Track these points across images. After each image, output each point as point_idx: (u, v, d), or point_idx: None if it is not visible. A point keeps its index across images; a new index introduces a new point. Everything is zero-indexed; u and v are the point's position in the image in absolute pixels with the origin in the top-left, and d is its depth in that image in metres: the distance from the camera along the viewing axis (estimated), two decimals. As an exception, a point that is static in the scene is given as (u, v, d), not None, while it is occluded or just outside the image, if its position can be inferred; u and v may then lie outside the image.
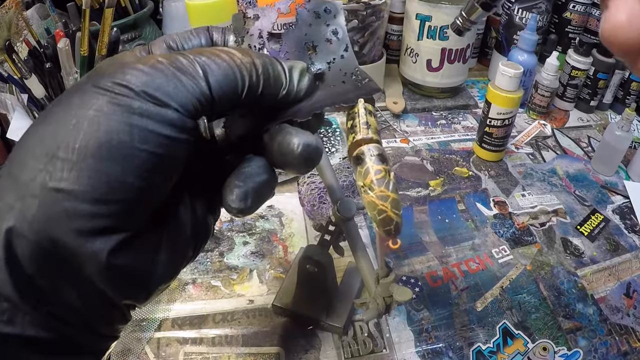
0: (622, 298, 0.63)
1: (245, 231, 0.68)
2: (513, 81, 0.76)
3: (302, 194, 0.74)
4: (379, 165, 0.35)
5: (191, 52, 0.25)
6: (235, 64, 0.25)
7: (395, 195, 0.34)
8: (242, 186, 0.27)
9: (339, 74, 0.34)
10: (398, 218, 0.33)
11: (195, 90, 0.24)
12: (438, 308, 0.59)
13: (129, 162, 0.22)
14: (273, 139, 0.28)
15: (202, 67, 0.24)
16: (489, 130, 0.80)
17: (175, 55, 0.24)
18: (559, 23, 1.04)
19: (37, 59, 0.72)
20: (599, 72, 0.94)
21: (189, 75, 0.23)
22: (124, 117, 0.22)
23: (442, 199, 0.76)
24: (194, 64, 0.24)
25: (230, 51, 0.26)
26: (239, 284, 0.61)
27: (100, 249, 0.22)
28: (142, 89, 0.22)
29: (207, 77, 0.24)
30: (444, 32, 0.90)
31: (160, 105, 0.23)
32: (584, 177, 0.82)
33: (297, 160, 0.27)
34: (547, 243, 0.69)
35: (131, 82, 0.22)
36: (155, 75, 0.23)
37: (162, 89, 0.23)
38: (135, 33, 0.91)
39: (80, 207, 0.21)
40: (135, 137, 0.22)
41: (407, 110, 0.96)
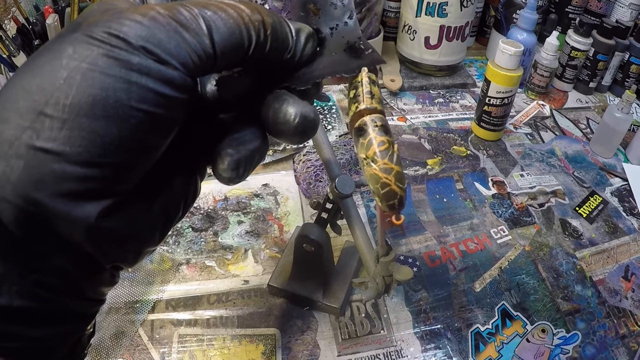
0: (621, 281, 0.63)
1: (239, 210, 0.67)
2: (513, 59, 0.74)
3: (297, 172, 0.73)
4: (383, 137, 0.33)
5: (195, 3, 0.23)
6: (243, 21, 0.23)
7: (399, 168, 0.32)
8: (234, 154, 0.25)
9: (341, 42, 0.32)
10: (402, 192, 0.32)
11: (198, 47, 0.22)
12: (436, 288, 0.58)
13: (126, 123, 0.20)
14: (269, 106, 0.26)
15: (206, 23, 0.22)
16: (488, 109, 0.79)
17: (177, 7, 0.22)
18: (559, 3, 1.02)
19: (26, 36, 0.70)
20: (598, 53, 0.93)
21: (192, 31, 0.22)
22: (121, 73, 0.20)
23: (440, 177, 0.74)
24: (197, 18, 0.22)
25: (238, 6, 0.24)
26: (234, 264, 0.60)
27: (90, 213, 0.20)
28: (142, 44, 0.20)
29: (211, 34, 0.22)
30: (443, 8, 0.87)
31: (161, 62, 0.21)
32: (582, 159, 0.81)
33: (292, 131, 0.26)
34: (545, 224, 0.68)
35: (129, 35, 0.20)
36: (155, 29, 0.21)
37: (162, 45, 0.21)
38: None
39: (70, 170, 0.19)
40: (133, 95, 0.20)
41: (405, 88, 0.94)
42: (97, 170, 0.20)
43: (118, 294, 0.56)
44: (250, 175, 0.72)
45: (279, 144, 0.76)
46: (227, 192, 0.69)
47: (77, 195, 0.20)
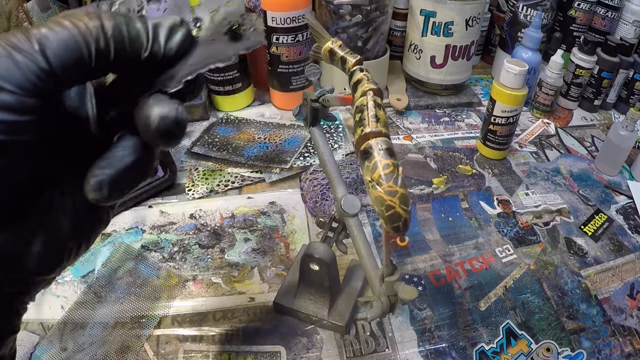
0: (626, 299, 0.62)
1: (246, 228, 0.68)
2: (518, 78, 0.75)
3: (304, 190, 0.74)
4: (388, 160, 0.34)
5: (36, 25, 0.23)
6: (79, 31, 0.23)
7: (404, 191, 0.33)
8: (97, 175, 0.24)
9: (223, 24, 0.30)
10: (406, 214, 0.33)
11: (32, 67, 0.22)
12: (441, 307, 0.59)
13: None
14: (138, 113, 0.25)
15: (38, 41, 0.22)
16: (493, 128, 0.80)
17: (14, 33, 0.23)
18: (564, 21, 1.03)
19: None
20: (603, 71, 0.94)
21: (24, 52, 0.22)
22: None
23: (446, 196, 0.75)
24: (30, 38, 0.22)
25: (76, 17, 0.23)
26: (240, 282, 0.61)
27: None
28: None
29: (44, 50, 0.22)
30: (449, 28, 0.89)
31: None
32: (587, 177, 0.81)
33: (155, 135, 0.24)
34: (550, 243, 0.68)
35: None
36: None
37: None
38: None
39: None
40: None
41: (411, 107, 0.95)
42: None
43: (124, 309, 0.57)
44: (257, 193, 0.73)
45: (286, 163, 0.77)
46: (234, 209, 0.70)
47: None
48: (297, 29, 0.85)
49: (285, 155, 0.80)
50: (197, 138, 0.84)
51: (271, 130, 0.87)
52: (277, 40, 0.86)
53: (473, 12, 0.88)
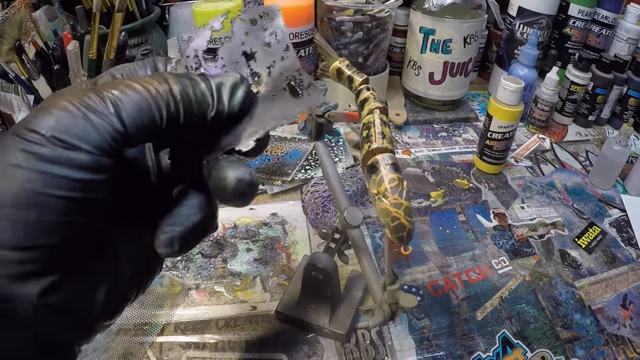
0: (619, 309, 0.64)
1: (248, 238, 0.69)
2: (514, 95, 0.77)
3: (305, 202, 0.75)
4: (393, 174, 0.37)
5: (106, 86, 0.24)
6: (150, 95, 0.24)
7: (408, 203, 0.35)
8: (167, 232, 0.26)
9: (280, 79, 0.32)
10: (410, 225, 0.35)
11: (108, 128, 0.23)
12: (439, 317, 0.60)
13: (45, 209, 0.22)
14: (209, 173, 0.27)
15: (113, 103, 0.23)
16: (490, 143, 0.82)
17: (87, 93, 0.24)
18: (559, 39, 1.05)
19: (45, 60, 0.72)
20: (597, 87, 0.96)
21: (100, 113, 0.23)
22: (34, 165, 0.22)
23: (443, 210, 0.77)
24: (105, 100, 0.23)
25: (146, 80, 0.25)
26: (242, 290, 0.62)
27: (30, 292, 0.22)
28: (52, 134, 0.22)
29: (118, 113, 0.23)
30: (447, 45, 0.91)
31: (70, 148, 0.22)
32: (581, 191, 0.83)
33: (231, 197, 0.26)
34: (545, 255, 0.70)
35: (41, 127, 0.22)
36: (64, 117, 0.23)
37: (70, 132, 0.22)
38: (142, 38, 0.92)
39: (5, 255, 0.22)
40: (47, 183, 0.22)
41: (409, 122, 0.97)
42: (28, 253, 0.22)
43: (127, 316, 0.58)
44: (260, 205, 0.75)
45: (287, 175, 0.79)
46: (236, 220, 0.72)
47: (18, 277, 0.22)
48: (300, 44, 0.87)
49: (287, 168, 0.82)
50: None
51: (273, 143, 0.89)
52: (280, 56, 0.88)
53: (471, 30, 0.90)
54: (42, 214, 0.22)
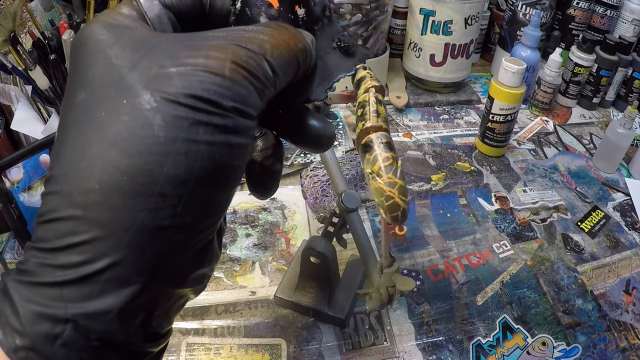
0: (622, 295, 0.63)
1: (248, 223, 0.69)
2: (516, 77, 0.76)
3: (304, 186, 0.75)
4: (387, 153, 0.36)
5: (252, 41, 0.23)
6: (295, 52, 0.24)
7: (403, 182, 0.34)
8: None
9: (328, 40, 0.32)
10: (405, 204, 0.34)
11: (267, 92, 0.23)
12: (439, 301, 0.60)
13: (233, 182, 0.22)
14: (298, 121, 0.29)
15: (271, 68, 0.23)
16: (492, 126, 0.80)
17: (242, 55, 0.22)
18: (563, 20, 1.03)
19: (41, 50, 0.71)
20: (601, 69, 0.95)
21: (260, 80, 0.22)
22: (222, 138, 0.21)
23: (444, 193, 0.76)
24: (263, 64, 0.22)
25: (286, 39, 0.24)
26: (242, 276, 0.62)
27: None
28: (232, 105, 0.21)
29: (276, 79, 0.23)
30: (448, 26, 0.90)
31: (247, 117, 0.22)
32: (585, 174, 0.82)
33: (322, 145, 0.30)
34: (547, 239, 0.69)
35: (217, 97, 0.20)
36: (236, 86, 0.21)
37: (247, 102, 0.21)
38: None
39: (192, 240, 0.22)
40: (233, 155, 0.21)
41: (410, 104, 0.96)
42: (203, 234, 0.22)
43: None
44: None
45: (287, 160, 0.78)
46: (235, 205, 0.71)
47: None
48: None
49: (285, 153, 0.81)
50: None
51: (272, 127, 0.88)
52: (279, 38, 0.87)
53: (472, 11, 0.89)
54: (223, 189, 0.22)
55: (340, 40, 0.33)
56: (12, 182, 0.67)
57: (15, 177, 0.67)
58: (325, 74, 0.30)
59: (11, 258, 0.66)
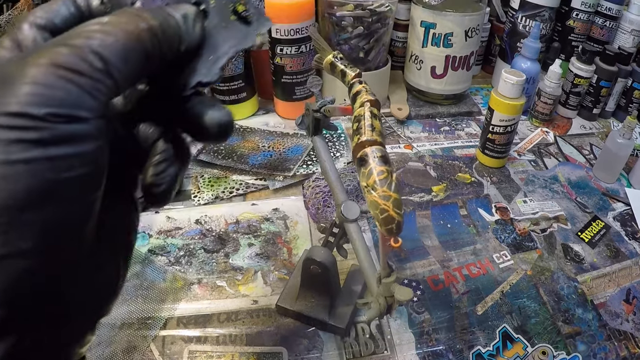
0: (622, 304, 0.64)
1: (250, 233, 0.70)
2: (515, 88, 0.77)
3: (306, 197, 0.75)
4: (382, 167, 0.37)
5: (76, 37, 0.21)
6: (134, 37, 0.22)
7: (397, 195, 0.35)
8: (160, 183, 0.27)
9: (225, 9, 0.30)
10: (399, 217, 0.35)
11: (100, 87, 0.21)
12: (439, 311, 0.60)
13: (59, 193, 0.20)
14: (189, 111, 0.27)
15: (98, 56, 0.21)
16: (492, 137, 0.81)
17: (59, 52, 0.20)
18: (562, 31, 1.05)
19: None
20: (601, 80, 0.95)
21: (86, 75, 0.20)
22: (40, 153, 0.19)
23: (445, 204, 0.77)
24: (87, 56, 0.20)
25: (120, 21, 0.22)
26: (244, 285, 0.62)
27: None
28: (46, 111, 0.19)
29: (107, 67, 0.21)
30: (448, 39, 0.91)
31: (70, 121, 0.20)
32: (585, 184, 0.83)
33: (213, 138, 0.27)
34: (547, 249, 0.70)
35: (28, 107, 0.19)
36: (49, 89, 0.19)
37: (65, 103, 0.19)
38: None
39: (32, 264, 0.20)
40: (61, 167, 0.19)
41: (412, 116, 0.97)
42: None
43: (131, 310, 0.58)
44: (262, 200, 0.76)
45: (289, 171, 0.79)
46: (238, 215, 0.72)
47: None
48: (301, 40, 0.87)
49: (288, 164, 0.82)
50: (202, 146, 0.87)
51: (275, 139, 0.89)
52: (281, 51, 0.88)
53: (472, 23, 0.90)
54: (62, 205, 0.20)
55: (237, 8, 0.30)
56: None
57: None
58: (219, 51, 0.28)
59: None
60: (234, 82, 0.92)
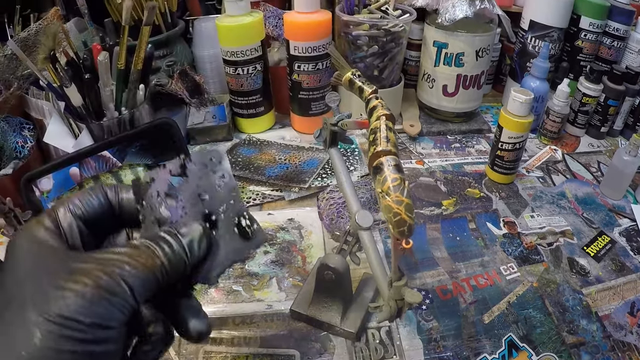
0: (626, 316, 0.65)
1: (266, 241, 0.72)
2: (524, 107, 0.79)
3: (321, 208, 0.78)
4: (396, 174, 0.40)
5: (111, 264, 0.30)
6: (150, 271, 0.32)
7: (409, 201, 0.38)
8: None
9: (231, 221, 0.38)
10: (411, 220, 0.38)
11: (127, 306, 0.30)
12: (447, 319, 0.62)
13: None
14: (178, 311, 0.36)
15: (126, 283, 0.30)
16: (501, 154, 0.84)
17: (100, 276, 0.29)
18: (571, 51, 1.07)
19: (75, 69, 0.76)
20: (609, 99, 0.97)
21: (118, 295, 0.30)
22: (83, 347, 0.28)
23: (454, 217, 0.79)
24: (120, 283, 0.30)
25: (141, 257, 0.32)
26: (259, 290, 0.65)
27: None
28: (91, 321, 0.28)
29: (132, 292, 0.30)
30: (460, 58, 0.94)
31: (105, 328, 0.29)
32: (592, 201, 0.85)
33: (194, 340, 0.36)
34: (553, 262, 0.72)
35: (79, 315, 0.28)
36: (93, 304, 0.28)
37: (104, 317, 0.29)
38: (167, 50, 0.96)
39: None
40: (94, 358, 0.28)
41: (423, 133, 1.00)
42: None
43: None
44: (277, 210, 0.80)
45: (304, 182, 0.82)
46: (255, 224, 0.75)
47: None
48: (318, 57, 0.91)
49: (304, 176, 0.85)
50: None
51: (291, 152, 0.92)
52: (299, 68, 0.92)
53: (483, 43, 0.93)
54: None
55: (240, 221, 0.38)
56: (42, 191, 0.71)
57: (45, 187, 0.72)
58: (218, 260, 0.36)
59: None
60: (252, 97, 0.96)
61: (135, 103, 0.79)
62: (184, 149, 0.77)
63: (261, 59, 0.93)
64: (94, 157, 0.73)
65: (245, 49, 0.91)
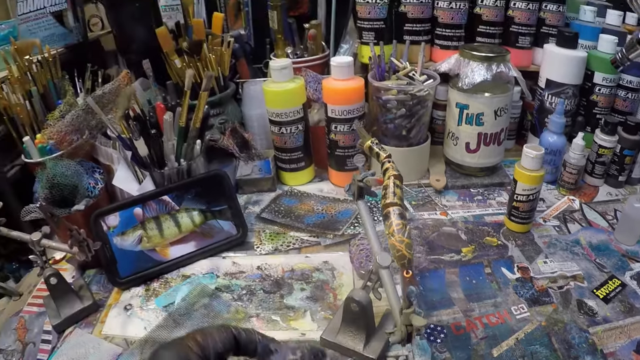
0: (632, 354, 0.70)
1: (302, 280, 0.83)
2: (535, 161, 0.88)
3: (352, 253, 0.89)
4: (399, 220, 0.52)
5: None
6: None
7: (409, 241, 0.49)
8: None
9: None
10: (410, 255, 0.49)
11: None
12: (459, 352, 0.70)
13: None
14: None
15: None
16: (516, 205, 0.92)
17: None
18: (587, 105, 1.14)
19: (142, 124, 0.90)
20: (625, 149, 1.03)
21: None
22: None
23: (472, 263, 0.87)
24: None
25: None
26: (295, 320, 0.75)
27: None
28: None
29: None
30: (480, 118, 1.04)
31: None
32: (605, 247, 0.91)
33: None
34: (562, 303, 0.78)
35: None
36: None
37: None
38: (220, 109, 1.11)
39: None
40: None
41: (448, 187, 1.09)
42: None
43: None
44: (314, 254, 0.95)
45: (338, 230, 0.93)
46: (293, 265, 0.87)
47: None
48: (352, 119, 1.03)
49: (338, 224, 0.96)
50: (265, 206, 1.03)
51: (328, 203, 1.04)
52: (335, 129, 1.04)
53: (500, 103, 1.02)
54: None
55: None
56: (109, 226, 0.84)
57: (112, 223, 0.84)
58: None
59: (97, 290, 0.84)
60: (294, 153, 1.09)
61: (192, 156, 0.93)
62: (233, 197, 0.90)
63: (302, 119, 1.07)
64: (155, 200, 0.87)
65: (289, 111, 1.04)
